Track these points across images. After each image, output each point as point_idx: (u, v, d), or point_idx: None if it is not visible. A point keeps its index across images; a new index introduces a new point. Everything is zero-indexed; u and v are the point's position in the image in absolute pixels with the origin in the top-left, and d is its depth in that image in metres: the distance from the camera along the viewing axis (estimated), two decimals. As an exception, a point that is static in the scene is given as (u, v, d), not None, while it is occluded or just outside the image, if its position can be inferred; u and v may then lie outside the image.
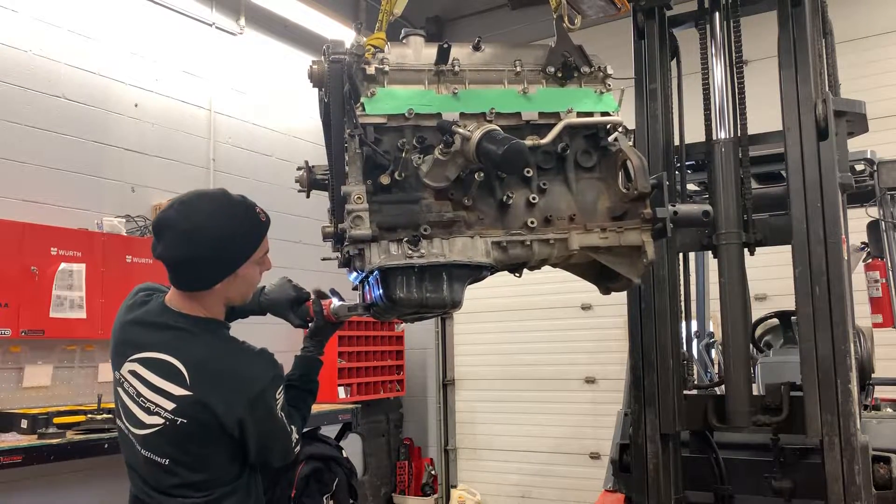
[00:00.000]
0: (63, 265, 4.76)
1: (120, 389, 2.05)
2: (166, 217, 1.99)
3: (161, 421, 1.94)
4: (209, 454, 1.97)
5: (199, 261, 1.96)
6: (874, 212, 4.17)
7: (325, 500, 5.00)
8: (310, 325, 2.37)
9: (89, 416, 4.50)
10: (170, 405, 1.93)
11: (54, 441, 4.18)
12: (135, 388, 1.98)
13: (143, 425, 1.97)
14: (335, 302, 2.34)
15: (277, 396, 2.02)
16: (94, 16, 5.60)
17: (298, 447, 2.12)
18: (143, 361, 1.98)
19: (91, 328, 4.90)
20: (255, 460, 2.05)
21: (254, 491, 2.09)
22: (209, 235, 1.95)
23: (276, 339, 3.00)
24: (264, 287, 2.44)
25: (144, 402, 1.96)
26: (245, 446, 1.99)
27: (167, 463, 1.96)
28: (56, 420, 4.35)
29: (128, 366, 2.01)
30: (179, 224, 1.96)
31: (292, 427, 2.08)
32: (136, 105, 5.86)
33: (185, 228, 1.95)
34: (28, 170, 5.06)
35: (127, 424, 2.02)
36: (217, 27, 6.65)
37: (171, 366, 1.94)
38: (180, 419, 1.92)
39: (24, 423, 4.33)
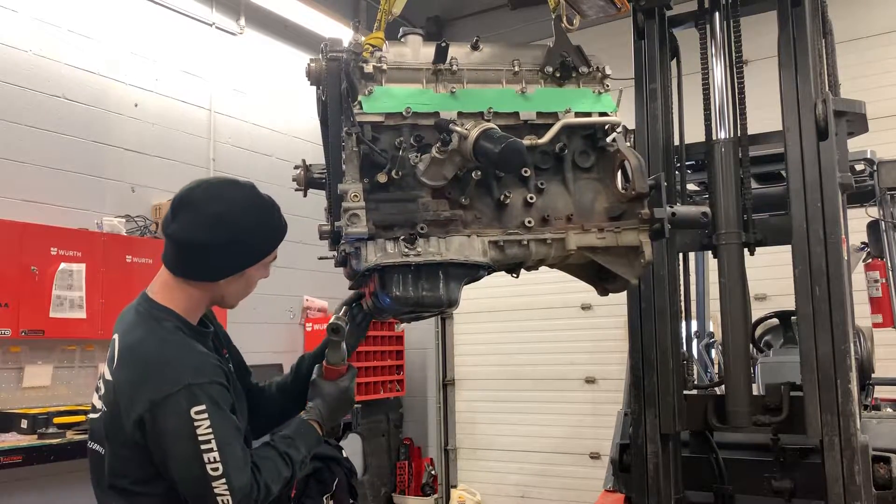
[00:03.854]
0: (63, 265, 4.77)
1: None
2: (191, 195, 1.80)
3: (101, 406, 1.79)
4: (125, 456, 1.71)
5: (215, 249, 1.78)
6: (874, 212, 4.17)
7: (325, 500, 4.99)
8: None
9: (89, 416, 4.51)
10: (103, 390, 1.79)
11: (54, 441, 4.19)
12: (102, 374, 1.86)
13: (94, 409, 1.84)
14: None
15: (196, 416, 1.62)
16: (94, 16, 5.60)
17: None
18: (110, 345, 1.86)
19: (91, 328, 4.90)
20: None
21: None
22: (235, 224, 1.78)
23: (277, 339, 2.97)
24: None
25: (98, 387, 1.85)
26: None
27: (103, 453, 1.78)
28: (56, 420, 4.37)
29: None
30: (205, 206, 1.78)
31: (228, 474, 1.63)
32: (136, 105, 5.87)
33: (211, 211, 1.77)
34: (28, 170, 5.06)
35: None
36: (217, 27, 6.66)
37: (114, 347, 1.79)
38: (104, 407, 1.76)
39: (24, 423, 4.34)
